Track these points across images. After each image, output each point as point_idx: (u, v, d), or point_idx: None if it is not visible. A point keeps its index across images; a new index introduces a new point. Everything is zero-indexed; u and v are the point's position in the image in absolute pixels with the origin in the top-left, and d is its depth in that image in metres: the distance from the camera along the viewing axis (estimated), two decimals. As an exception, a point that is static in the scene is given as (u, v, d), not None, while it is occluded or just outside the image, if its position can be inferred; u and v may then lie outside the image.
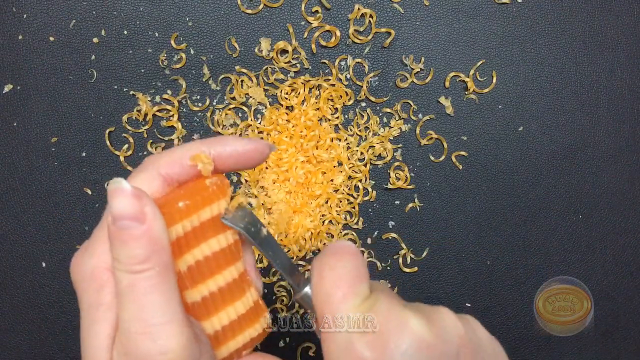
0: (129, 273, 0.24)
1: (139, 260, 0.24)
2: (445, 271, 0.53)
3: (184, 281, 0.28)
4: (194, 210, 0.27)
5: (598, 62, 0.51)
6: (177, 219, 0.27)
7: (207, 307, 0.29)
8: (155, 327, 0.24)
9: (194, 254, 0.28)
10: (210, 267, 0.28)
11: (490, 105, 0.51)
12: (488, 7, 0.50)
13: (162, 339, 0.24)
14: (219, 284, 0.29)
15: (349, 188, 0.51)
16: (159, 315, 0.24)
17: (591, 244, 0.53)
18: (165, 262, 0.25)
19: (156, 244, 0.24)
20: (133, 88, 0.50)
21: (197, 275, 0.28)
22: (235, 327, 0.30)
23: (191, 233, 0.27)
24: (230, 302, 0.29)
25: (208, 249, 0.28)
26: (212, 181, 0.28)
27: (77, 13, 0.49)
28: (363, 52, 0.50)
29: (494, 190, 0.52)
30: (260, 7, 0.50)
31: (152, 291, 0.24)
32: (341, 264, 0.28)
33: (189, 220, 0.27)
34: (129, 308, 0.24)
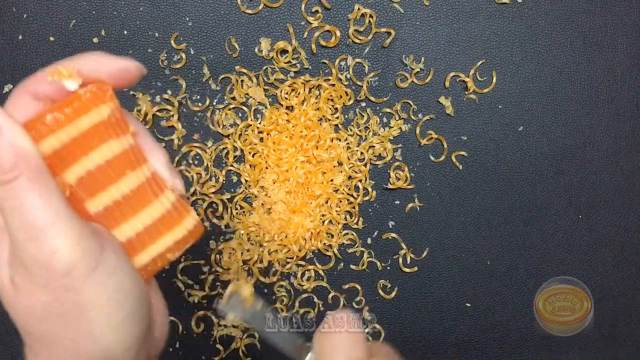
0: (1, 185, 0.24)
1: (4, 170, 0.24)
2: (445, 271, 0.53)
3: (79, 193, 0.28)
4: (67, 121, 0.27)
5: (598, 62, 0.51)
6: (46, 131, 0.26)
7: (113, 216, 0.28)
8: (39, 230, 0.24)
9: (82, 164, 0.27)
10: (107, 174, 0.28)
11: (490, 105, 0.51)
12: (488, 7, 0.50)
13: (48, 239, 0.24)
14: (122, 190, 0.28)
15: (349, 188, 0.51)
16: (40, 217, 0.24)
17: (591, 244, 0.53)
18: (34, 166, 0.25)
19: (18, 151, 0.25)
20: (133, 88, 0.50)
21: (92, 185, 0.28)
22: (153, 231, 0.29)
23: (72, 144, 0.27)
24: (140, 208, 0.29)
25: (99, 157, 0.28)
26: (86, 89, 0.27)
27: (77, 13, 0.49)
28: (363, 52, 0.50)
29: (494, 190, 0.52)
30: (260, 7, 0.50)
31: (27, 196, 0.24)
32: (339, 336, 0.30)
33: (64, 132, 0.27)
34: (12, 219, 0.24)
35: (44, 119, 0.26)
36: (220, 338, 0.51)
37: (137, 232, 0.29)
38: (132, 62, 0.28)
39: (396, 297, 0.52)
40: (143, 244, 0.29)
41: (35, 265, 0.24)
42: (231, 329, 0.51)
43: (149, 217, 0.29)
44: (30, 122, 0.26)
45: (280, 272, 0.52)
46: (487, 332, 0.53)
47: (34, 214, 0.24)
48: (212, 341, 0.51)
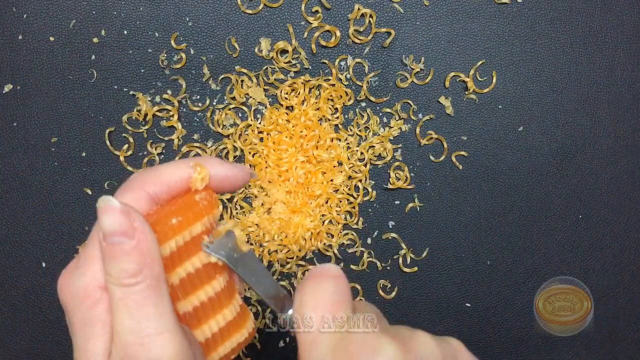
0: (121, 286, 0.25)
1: (129, 274, 0.25)
2: (445, 271, 0.53)
3: (177, 293, 0.29)
4: (186, 226, 0.28)
5: (598, 62, 0.51)
6: (170, 235, 0.27)
7: (198, 316, 0.29)
8: (149, 338, 0.25)
9: (185, 267, 0.29)
10: (201, 278, 0.29)
11: (490, 105, 0.51)
12: (488, 7, 0.50)
13: (156, 348, 0.25)
14: (209, 293, 0.29)
15: (349, 188, 0.51)
16: (152, 326, 0.25)
17: (591, 244, 0.53)
18: (156, 274, 0.26)
19: (147, 258, 0.25)
20: (133, 88, 0.50)
21: (188, 286, 0.29)
22: (224, 333, 0.30)
23: (183, 247, 0.28)
24: (219, 310, 0.30)
25: (199, 262, 0.29)
26: (201, 196, 0.29)
27: (77, 13, 0.49)
28: (363, 52, 0.50)
29: (494, 190, 0.52)
30: (260, 7, 0.50)
31: (144, 303, 0.25)
32: (322, 287, 0.29)
33: (182, 236, 0.28)
34: (123, 320, 0.25)
35: (170, 222, 0.27)
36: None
37: (213, 333, 0.30)
38: (246, 170, 0.30)
39: (396, 297, 0.52)
40: (216, 345, 0.30)
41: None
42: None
43: (224, 319, 0.30)
44: (155, 223, 0.27)
45: (280, 272, 0.52)
46: (487, 332, 0.53)
47: (147, 321, 0.25)
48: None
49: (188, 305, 0.29)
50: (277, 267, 0.51)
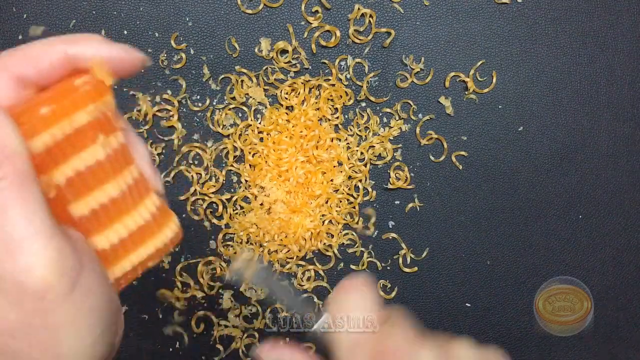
0: None
1: None
2: (445, 271, 0.53)
3: (65, 195, 0.25)
4: (63, 116, 0.24)
5: (598, 62, 0.51)
6: (41, 127, 0.23)
7: (99, 220, 0.26)
8: (17, 243, 0.22)
9: (72, 164, 0.25)
10: (96, 176, 0.25)
11: (490, 105, 0.51)
12: (488, 7, 0.50)
13: (26, 255, 0.22)
14: (110, 193, 0.26)
15: (349, 188, 0.51)
16: (19, 229, 0.22)
17: (591, 244, 0.53)
18: (21, 168, 0.22)
19: (5, 150, 0.22)
20: (133, 88, 0.50)
21: (80, 186, 0.25)
22: (136, 238, 0.27)
23: (64, 141, 0.24)
24: (125, 212, 0.26)
25: (90, 157, 0.25)
26: (83, 80, 0.25)
27: (77, 13, 0.49)
28: (363, 52, 0.50)
29: (494, 190, 0.52)
30: (260, 7, 0.50)
31: (8, 203, 0.22)
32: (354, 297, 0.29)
33: (59, 127, 0.24)
34: None
35: (38, 111, 0.23)
36: (220, 338, 0.51)
37: (121, 239, 0.26)
38: (135, 52, 0.26)
39: (396, 297, 0.52)
40: (126, 251, 0.27)
41: (8, 281, 0.22)
42: (231, 329, 0.51)
43: (134, 222, 0.27)
44: (21, 113, 0.23)
45: (280, 272, 0.52)
46: (487, 332, 0.53)
47: (13, 224, 0.22)
48: (212, 341, 0.51)
49: (83, 207, 0.25)
50: (277, 267, 0.51)
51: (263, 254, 0.51)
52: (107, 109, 0.26)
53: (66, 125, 0.24)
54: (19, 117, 0.23)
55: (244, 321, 0.51)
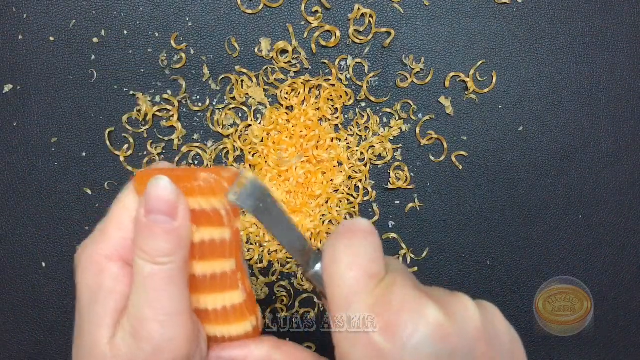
0: (152, 263, 0.26)
1: (163, 253, 0.26)
2: (445, 271, 0.53)
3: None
4: (208, 194, 0.27)
5: (598, 62, 0.51)
6: (190, 194, 0.27)
7: (206, 285, 0.29)
8: (168, 317, 0.26)
9: (201, 232, 0.28)
10: (203, 253, 0.29)
11: (490, 105, 0.51)
12: (488, 7, 0.50)
13: (171, 328, 0.26)
14: (210, 270, 0.29)
15: (349, 188, 0.51)
16: (173, 306, 0.26)
17: (591, 244, 0.53)
18: (185, 258, 0.27)
19: (182, 241, 0.26)
20: (133, 88, 0.50)
21: (202, 252, 0.29)
22: (224, 316, 0.30)
23: (202, 214, 0.28)
24: (218, 290, 0.30)
25: (215, 234, 0.28)
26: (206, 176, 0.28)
27: (77, 13, 0.49)
28: (363, 52, 0.50)
29: (494, 190, 0.52)
30: (260, 7, 0.50)
31: (169, 283, 0.26)
32: (355, 243, 0.27)
33: (195, 201, 0.27)
34: (145, 295, 0.26)
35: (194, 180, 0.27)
36: (220, 338, 0.51)
37: (212, 309, 0.30)
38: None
39: (396, 297, 0.52)
40: (209, 322, 0.30)
41: (150, 343, 0.26)
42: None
43: (223, 301, 0.30)
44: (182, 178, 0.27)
45: (280, 272, 0.52)
46: (487, 332, 0.53)
47: (168, 301, 0.26)
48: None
49: (200, 269, 0.29)
50: (277, 267, 0.51)
51: (263, 254, 0.51)
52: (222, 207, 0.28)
53: (207, 202, 0.28)
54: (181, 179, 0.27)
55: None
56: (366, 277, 0.26)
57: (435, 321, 0.24)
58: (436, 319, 0.24)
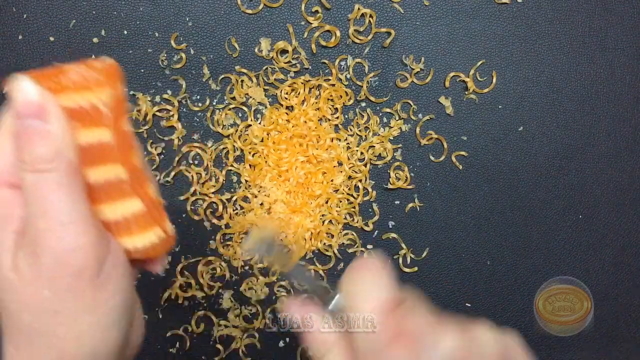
0: (35, 172, 0.24)
1: (43, 159, 0.24)
2: (445, 271, 0.53)
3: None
4: (86, 89, 0.26)
5: (598, 62, 0.51)
6: (61, 90, 0.25)
7: (107, 193, 0.27)
8: (62, 226, 0.24)
9: (84, 135, 0.26)
10: (104, 154, 0.27)
11: (490, 105, 0.51)
12: (488, 7, 0.50)
13: (69, 237, 0.24)
14: (117, 173, 0.27)
15: (349, 188, 0.51)
16: (65, 214, 0.24)
17: (591, 244, 0.53)
18: (70, 159, 0.25)
19: (61, 143, 0.24)
20: (133, 88, 0.50)
21: (92, 157, 0.27)
22: (122, 227, 0.28)
23: (82, 112, 0.26)
24: (116, 198, 0.28)
25: (100, 136, 0.27)
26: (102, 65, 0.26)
27: (77, 13, 0.49)
28: (363, 52, 0.50)
29: (494, 190, 0.52)
30: (260, 7, 0.50)
31: (57, 190, 0.24)
32: (368, 277, 0.28)
33: (80, 97, 0.26)
34: (35, 207, 0.24)
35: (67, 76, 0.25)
36: (220, 338, 0.51)
37: (123, 216, 0.28)
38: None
39: (396, 297, 0.52)
40: (127, 231, 0.28)
41: (50, 256, 0.24)
42: (231, 329, 0.51)
43: (135, 206, 0.28)
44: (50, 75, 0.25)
45: (280, 272, 0.52)
46: (487, 332, 0.53)
47: (60, 209, 0.24)
48: (212, 341, 0.51)
49: (95, 175, 0.27)
50: (277, 267, 0.51)
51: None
52: (115, 101, 0.27)
53: (82, 98, 0.26)
54: (48, 77, 0.25)
55: (244, 321, 0.51)
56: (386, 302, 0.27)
57: (451, 346, 0.25)
58: (453, 345, 0.25)
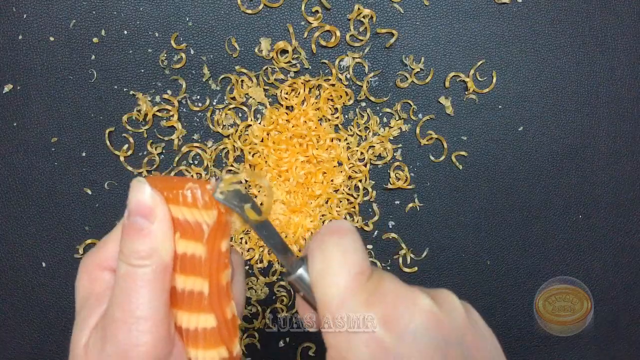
0: (128, 265, 0.26)
1: (139, 255, 0.26)
2: (445, 271, 0.53)
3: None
4: (193, 206, 0.27)
5: (598, 62, 0.51)
6: (173, 202, 0.27)
7: (175, 300, 0.28)
8: (135, 319, 0.25)
9: (181, 245, 0.28)
10: (195, 266, 0.28)
11: (490, 105, 0.51)
12: (488, 7, 0.50)
13: (137, 332, 0.25)
14: (189, 286, 0.28)
15: (349, 188, 0.51)
16: (142, 310, 0.25)
17: (591, 244, 0.53)
18: (163, 261, 0.26)
19: (160, 245, 0.26)
20: (133, 88, 0.50)
21: (182, 266, 0.28)
22: (191, 338, 0.29)
23: (185, 224, 0.27)
24: (194, 310, 0.29)
25: (195, 249, 0.28)
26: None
27: (77, 13, 0.49)
28: (363, 52, 0.50)
29: (494, 190, 0.52)
30: (260, 7, 0.50)
31: (143, 286, 0.25)
32: (344, 242, 0.27)
33: (179, 210, 0.27)
34: (118, 296, 0.26)
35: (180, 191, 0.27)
36: None
37: (189, 329, 0.29)
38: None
39: (396, 297, 0.52)
40: (195, 344, 0.29)
41: (115, 346, 0.25)
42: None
43: (205, 321, 0.29)
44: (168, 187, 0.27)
45: (280, 272, 0.52)
46: (487, 332, 0.53)
47: (138, 302, 0.25)
48: None
49: (181, 283, 0.28)
50: (277, 267, 0.51)
51: (263, 254, 0.51)
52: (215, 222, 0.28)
53: (189, 213, 0.27)
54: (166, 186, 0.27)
55: (244, 321, 0.51)
56: (359, 274, 0.26)
57: (429, 309, 0.26)
58: (430, 308, 0.26)
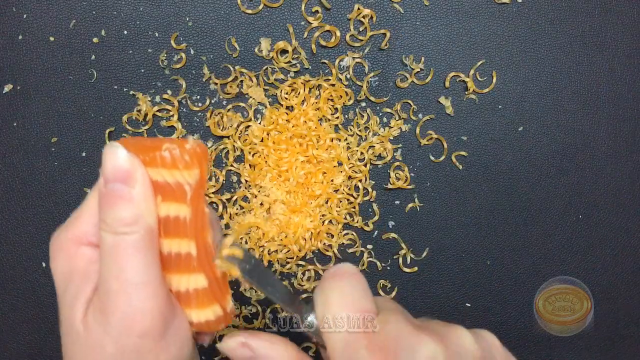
0: (114, 234, 0.25)
1: (124, 222, 0.25)
2: (445, 271, 0.53)
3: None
4: (174, 167, 0.27)
5: (598, 62, 0.51)
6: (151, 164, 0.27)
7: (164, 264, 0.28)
8: (133, 287, 0.25)
9: (164, 208, 0.28)
10: (178, 228, 0.28)
11: (490, 105, 0.51)
12: (488, 7, 0.50)
13: (138, 299, 0.25)
14: (175, 249, 0.28)
15: (349, 188, 0.51)
16: (138, 276, 0.25)
17: (591, 244, 0.53)
18: (150, 226, 0.26)
19: (142, 210, 0.26)
20: (133, 88, 0.50)
21: (167, 230, 0.28)
22: (183, 299, 0.29)
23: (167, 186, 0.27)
24: (183, 271, 0.29)
25: (178, 211, 0.28)
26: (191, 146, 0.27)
27: (77, 13, 0.49)
28: (363, 52, 0.50)
29: (494, 190, 0.52)
30: (260, 7, 0.50)
31: (133, 253, 0.25)
32: (343, 284, 0.27)
33: (158, 172, 0.27)
34: (110, 267, 0.25)
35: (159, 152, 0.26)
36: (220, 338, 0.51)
37: (180, 292, 0.29)
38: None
39: (396, 297, 0.52)
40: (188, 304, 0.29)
41: (119, 316, 0.25)
42: (231, 329, 0.51)
43: (195, 282, 0.29)
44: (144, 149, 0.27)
45: (280, 272, 0.52)
46: (487, 332, 0.53)
47: (134, 270, 0.25)
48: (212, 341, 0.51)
49: (166, 247, 0.28)
50: (277, 267, 0.51)
51: (263, 254, 0.51)
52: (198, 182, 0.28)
53: (169, 174, 0.27)
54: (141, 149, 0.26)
55: (244, 321, 0.51)
56: (358, 314, 0.26)
57: (432, 356, 0.25)
58: (432, 354, 0.25)
